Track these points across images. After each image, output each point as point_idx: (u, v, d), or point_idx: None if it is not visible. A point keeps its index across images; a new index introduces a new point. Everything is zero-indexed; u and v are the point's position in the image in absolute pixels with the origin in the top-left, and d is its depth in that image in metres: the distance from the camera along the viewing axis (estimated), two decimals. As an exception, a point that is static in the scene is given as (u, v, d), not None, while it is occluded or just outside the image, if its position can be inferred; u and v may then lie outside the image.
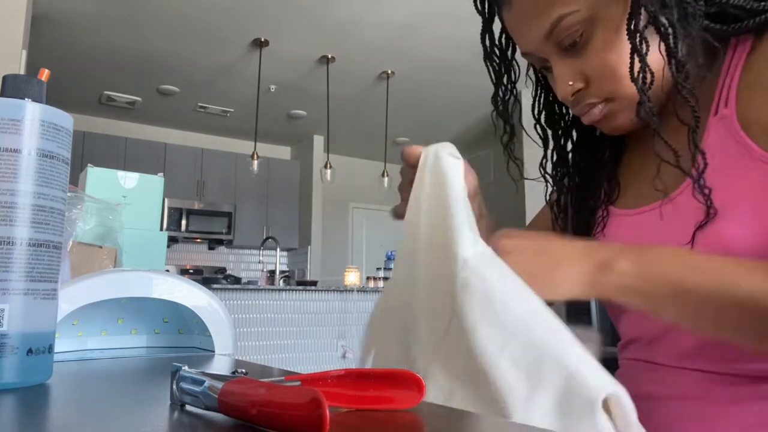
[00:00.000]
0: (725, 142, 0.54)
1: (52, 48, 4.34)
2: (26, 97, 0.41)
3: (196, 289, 0.64)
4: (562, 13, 0.55)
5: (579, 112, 0.62)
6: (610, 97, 0.59)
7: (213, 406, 0.28)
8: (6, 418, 0.32)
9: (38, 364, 0.40)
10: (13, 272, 0.39)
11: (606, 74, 0.57)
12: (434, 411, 0.33)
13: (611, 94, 0.58)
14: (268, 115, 5.64)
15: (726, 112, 0.55)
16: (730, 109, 0.54)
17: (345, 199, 7.09)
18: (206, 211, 5.85)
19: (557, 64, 0.60)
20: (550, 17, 0.56)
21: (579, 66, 0.58)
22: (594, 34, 0.56)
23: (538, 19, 0.57)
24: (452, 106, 5.48)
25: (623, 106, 0.59)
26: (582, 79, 0.59)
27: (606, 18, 0.55)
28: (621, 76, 0.56)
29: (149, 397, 0.38)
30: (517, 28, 0.61)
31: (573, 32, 0.56)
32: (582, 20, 0.55)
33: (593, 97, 0.60)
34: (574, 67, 0.59)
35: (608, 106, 0.60)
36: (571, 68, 0.59)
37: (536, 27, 0.58)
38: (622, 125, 0.61)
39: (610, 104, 0.59)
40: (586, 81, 0.59)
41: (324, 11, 3.87)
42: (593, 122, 0.62)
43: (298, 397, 0.24)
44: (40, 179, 0.40)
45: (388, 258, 4.50)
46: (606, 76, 0.57)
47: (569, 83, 0.59)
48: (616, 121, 0.61)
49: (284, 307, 3.73)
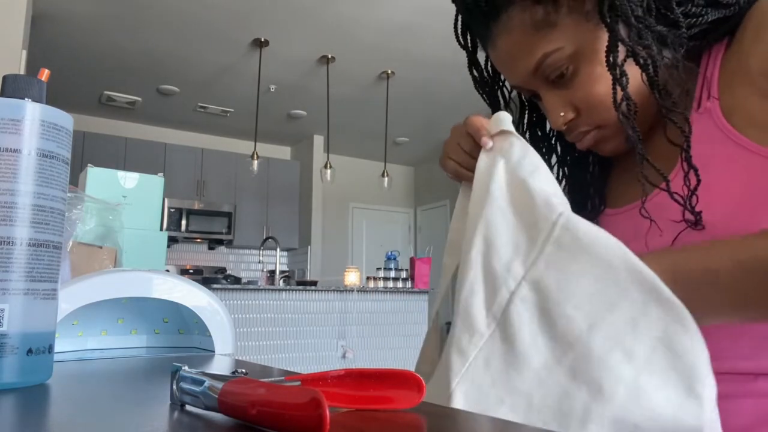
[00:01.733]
0: (708, 134, 0.55)
1: (52, 48, 4.34)
2: (26, 97, 0.41)
3: (196, 289, 0.64)
4: (547, 51, 0.56)
5: (573, 139, 0.64)
6: (601, 124, 0.60)
7: (213, 406, 0.28)
8: (6, 418, 0.32)
9: (38, 364, 0.40)
10: (13, 272, 0.39)
11: (594, 105, 0.58)
12: (434, 411, 0.33)
13: (602, 122, 0.59)
14: (268, 115, 5.64)
15: (709, 104, 0.55)
16: (713, 100, 0.55)
17: (345, 199, 7.09)
18: (206, 211, 5.85)
19: (546, 96, 0.61)
20: (535, 56, 0.57)
21: (568, 97, 0.59)
22: (580, 67, 0.57)
23: (523, 58, 0.58)
24: (452, 106, 5.48)
25: (614, 132, 0.60)
26: (572, 108, 0.60)
27: (590, 51, 0.56)
28: (609, 106, 0.56)
29: (149, 397, 0.38)
30: (502, 66, 0.63)
31: (558, 67, 0.57)
32: (567, 56, 0.56)
33: (584, 125, 0.61)
34: (564, 98, 0.60)
35: (600, 133, 0.61)
36: (561, 99, 0.60)
37: (522, 65, 0.59)
38: (615, 149, 0.63)
39: (602, 131, 0.61)
40: (576, 110, 0.60)
41: (324, 11, 3.88)
42: (588, 148, 0.64)
43: (298, 397, 0.24)
44: (40, 179, 0.40)
45: (388, 258, 4.50)
46: (594, 107, 0.58)
47: (560, 114, 0.60)
48: (608, 146, 0.63)
49: (284, 307, 3.73)
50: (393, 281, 4.30)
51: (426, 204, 7.49)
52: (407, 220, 7.67)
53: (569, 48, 0.56)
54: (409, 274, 4.46)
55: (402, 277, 4.37)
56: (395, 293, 4.15)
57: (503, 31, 0.58)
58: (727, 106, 0.54)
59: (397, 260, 4.52)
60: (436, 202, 7.26)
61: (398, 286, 4.26)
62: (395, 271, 4.39)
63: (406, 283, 4.36)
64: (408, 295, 4.21)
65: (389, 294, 4.13)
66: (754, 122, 0.52)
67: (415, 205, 7.71)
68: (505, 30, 0.58)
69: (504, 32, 0.58)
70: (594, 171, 0.71)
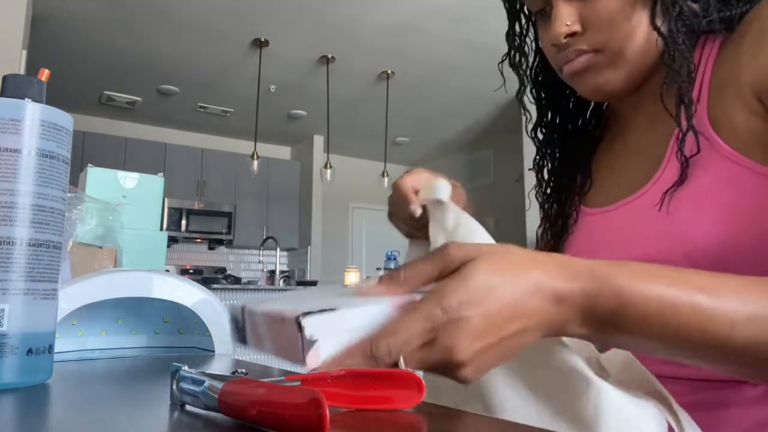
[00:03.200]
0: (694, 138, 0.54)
1: (52, 48, 4.34)
2: (26, 97, 0.41)
3: (196, 289, 0.64)
4: None
5: (564, 58, 0.62)
6: (600, 48, 0.59)
7: (213, 406, 0.29)
8: (6, 418, 0.32)
9: (38, 364, 0.40)
10: (13, 272, 0.39)
11: (604, 22, 0.57)
12: (434, 411, 0.33)
13: (602, 45, 0.59)
14: (268, 115, 5.64)
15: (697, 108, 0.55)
16: (701, 106, 0.55)
17: (345, 199, 7.09)
18: (206, 211, 5.85)
19: (560, 4, 0.60)
20: None
21: (580, 9, 0.59)
22: None
23: None
24: (452, 106, 5.48)
25: (609, 61, 0.59)
26: (579, 22, 0.59)
27: None
28: (617, 28, 0.57)
29: (149, 397, 0.38)
30: None
31: None
32: None
33: (584, 44, 0.59)
34: (575, 10, 0.59)
35: (595, 57, 0.60)
36: (572, 9, 0.59)
37: None
38: (599, 83, 0.61)
39: (597, 56, 0.59)
40: (582, 26, 0.59)
41: (324, 11, 3.88)
42: (573, 73, 0.62)
43: (298, 397, 0.24)
44: (40, 179, 0.40)
45: (388, 258, 4.50)
46: (604, 24, 0.58)
47: (566, 23, 0.59)
48: (595, 76, 0.61)
49: (284, 307, 3.73)
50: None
51: (426, 204, 7.48)
52: (407, 220, 7.67)
53: None
54: (409, 274, 4.45)
55: (402, 277, 4.36)
56: (395, 293, 4.14)
57: None
58: (713, 113, 0.54)
59: (397, 260, 4.51)
60: (436, 202, 7.25)
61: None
62: (395, 271, 4.38)
63: (406, 283, 4.35)
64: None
65: (389, 294, 4.11)
66: (736, 133, 0.52)
67: (415, 205, 7.70)
68: None
69: None
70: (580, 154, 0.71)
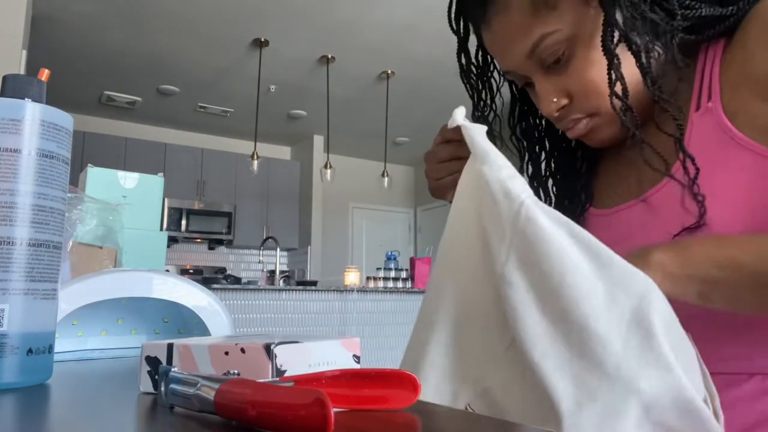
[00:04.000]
0: (710, 135, 0.54)
1: (52, 48, 4.34)
2: (26, 97, 0.41)
3: (196, 289, 0.64)
4: (544, 33, 0.56)
5: (564, 127, 0.63)
6: (594, 112, 0.59)
7: (208, 408, 0.28)
8: (6, 418, 0.32)
9: (38, 364, 0.40)
10: (13, 272, 0.39)
11: (589, 90, 0.58)
12: (430, 410, 0.33)
13: (595, 109, 0.59)
14: (268, 115, 5.64)
15: (710, 105, 0.55)
16: (715, 102, 0.55)
17: (345, 199, 7.09)
18: (206, 211, 5.85)
19: (540, 82, 0.60)
20: (532, 37, 0.57)
21: (562, 83, 0.59)
22: (576, 52, 0.57)
23: (519, 40, 0.58)
24: (452, 106, 5.41)
25: (607, 120, 0.59)
26: (566, 95, 0.59)
27: (587, 36, 0.56)
28: (603, 92, 0.56)
29: (149, 397, 0.38)
30: (497, 48, 0.62)
31: (555, 51, 0.57)
32: (564, 39, 0.56)
33: (578, 112, 0.60)
34: (558, 84, 0.59)
35: (593, 120, 0.60)
36: (555, 85, 0.59)
37: (518, 47, 0.58)
38: (606, 138, 0.62)
39: (595, 119, 0.60)
40: (569, 97, 0.59)
41: (324, 11, 3.87)
42: (579, 137, 0.63)
43: (301, 397, 0.24)
44: (40, 179, 0.41)
45: (388, 258, 4.50)
46: (589, 92, 0.58)
47: (553, 100, 0.60)
48: (600, 134, 0.62)
49: (284, 307, 3.73)
50: (393, 281, 4.30)
51: (426, 204, 7.48)
52: (407, 220, 7.67)
53: (567, 31, 0.56)
54: (409, 274, 4.46)
55: (402, 277, 4.37)
56: (395, 293, 4.15)
57: (501, 11, 0.58)
58: (729, 107, 0.54)
59: (397, 260, 4.52)
60: (436, 202, 7.25)
61: (398, 286, 4.26)
62: (395, 271, 4.39)
63: (406, 283, 4.36)
64: (408, 295, 4.21)
65: (389, 294, 4.12)
66: (756, 125, 0.52)
67: (415, 205, 7.71)
68: (502, 10, 0.57)
69: (501, 12, 0.58)
70: (581, 167, 0.71)
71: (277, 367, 0.32)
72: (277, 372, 0.32)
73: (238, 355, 0.34)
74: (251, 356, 0.33)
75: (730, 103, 0.54)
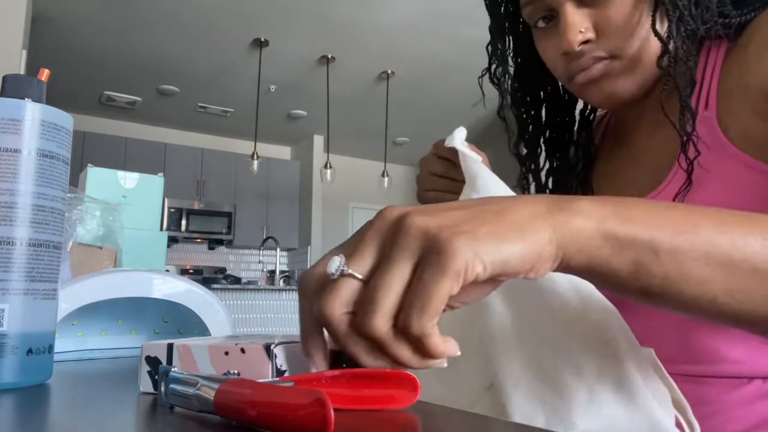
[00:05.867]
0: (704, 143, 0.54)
1: (52, 48, 4.34)
2: (26, 97, 0.41)
3: (196, 289, 0.64)
4: None
5: (580, 66, 0.60)
6: (618, 53, 0.57)
7: (208, 408, 0.28)
8: (6, 418, 0.32)
9: (38, 364, 0.40)
10: (13, 272, 0.39)
11: (620, 27, 0.56)
12: (430, 410, 0.33)
13: (620, 50, 0.57)
14: (268, 115, 5.64)
15: (706, 114, 0.55)
16: (711, 111, 0.55)
17: (345, 199, 7.09)
18: (206, 211, 5.85)
19: (569, 11, 0.57)
20: None
21: (593, 16, 0.57)
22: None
23: None
24: (452, 106, 5.48)
25: (625, 67, 0.58)
26: (593, 30, 0.57)
27: None
28: (633, 33, 0.55)
29: (150, 397, 0.38)
30: None
31: None
32: None
33: (600, 50, 0.58)
34: (588, 16, 0.57)
35: (612, 63, 0.58)
36: (584, 16, 0.57)
37: None
38: (614, 91, 0.60)
39: (614, 62, 0.58)
40: (596, 32, 0.57)
41: (324, 11, 3.87)
42: (589, 81, 0.60)
43: (302, 397, 0.24)
44: (40, 179, 0.41)
45: (388, 258, 4.50)
46: (620, 30, 0.56)
47: (580, 30, 0.57)
48: (613, 83, 0.59)
49: (284, 307, 3.73)
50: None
51: (426, 204, 7.48)
52: (407, 220, 7.66)
53: None
54: (409, 274, 4.46)
55: (402, 277, 4.36)
56: (395, 293, 4.15)
57: None
58: (723, 119, 0.54)
59: (397, 260, 4.51)
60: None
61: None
62: (395, 271, 4.39)
63: (406, 283, 4.36)
64: (408, 295, 4.20)
65: (389, 294, 4.12)
66: (748, 138, 0.52)
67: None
68: None
69: None
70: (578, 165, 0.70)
71: (277, 367, 0.32)
72: (277, 372, 0.32)
73: (238, 355, 0.34)
74: (251, 356, 0.33)
75: (725, 116, 0.54)
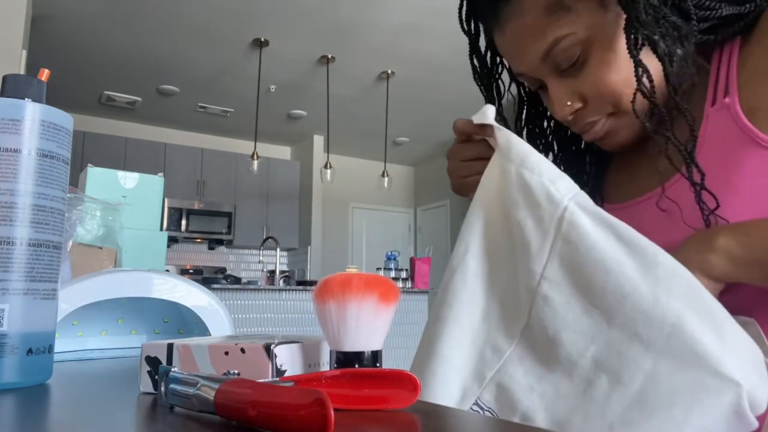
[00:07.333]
0: (726, 130, 0.54)
1: (52, 48, 4.34)
2: (26, 97, 0.41)
3: (196, 289, 0.64)
4: (558, 36, 0.55)
5: (580, 130, 0.62)
6: (612, 112, 0.58)
7: (207, 408, 0.28)
8: (6, 418, 0.32)
9: (38, 364, 0.40)
10: (13, 272, 0.39)
11: (605, 92, 0.57)
12: (430, 410, 0.33)
13: (614, 108, 0.58)
14: (268, 115, 5.64)
15: (727, 101, 0.55)
16: (732, 98, 0.54)
17: (345, 199, 7.09)
18: (206, 211, 5.85)
19: (553, 85, 0.59)
20: (546, 41, 0.56)
21: (576, 86, 0.58)
22: (592, 54, 0.56)
23: (533, 43, 0.57)
24: (452, 106, 5.48)
25: (625, 121, 0.59)
26: (579, 98, 0.59)
27: (602, 38, 0.55)
28: (621, 93, 0.55)
29: (150, 397, 0.38)
30: (510, 51, 0.61)
31: (570, 54, 0.56)
32: (578, 42, 0.55)
33: (594, 115, 0.59)
34: (571, 87, 0.58)
35: (610, 121, 0.59)
36: (568, 88, 0.58)
37: (532, 50, 0.57)
38: (624, 141, 0.61)
39: (612, 120, 0.59)
40: (583, 100, 0.59)
41: (324, 11, 3.87)
42: (595, 140, 0.62)
43: (302, 397, 0.24)
44: (40, 179, 0.41)
45: (388, 258, 4.50)
46: (605, 94, 0.57)
47: (567, 103, 0.59)
48: (618, 137, 0.61)
49: (284, 307, 3.73)
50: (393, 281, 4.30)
51: (426, 204, 7.48)
52: (407, 220, 7.67)
53: (582, 33, 0.55)
54: (409, 274, 4.46)
55: (402, 277, 4.37)
56: (395, 293, 4.15)
57: (514, 13, 0.56)
58: (747, 104, 0.53)
59: (397, 260, 4.52)
60: (436, 202, 7.25)
61: (398, 286, 4.26)
62: (395, 271, 4.39)
63: (406, 283, 4.36)
64: (408, 295, 4.21)
65: (389, 294, 4.12)
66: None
67: (415, 205, 7.71)
68: (516, 12, 0.56)
69: (515, 15, 0.57)
70: (590, 169, 0.70)
71: (277, 367, 0.32)
72: (277, 372, 0.32)
73: (238, 355, 0.34)
74: (251, 356, 0.33)
75: (748, 100, 0.54)
